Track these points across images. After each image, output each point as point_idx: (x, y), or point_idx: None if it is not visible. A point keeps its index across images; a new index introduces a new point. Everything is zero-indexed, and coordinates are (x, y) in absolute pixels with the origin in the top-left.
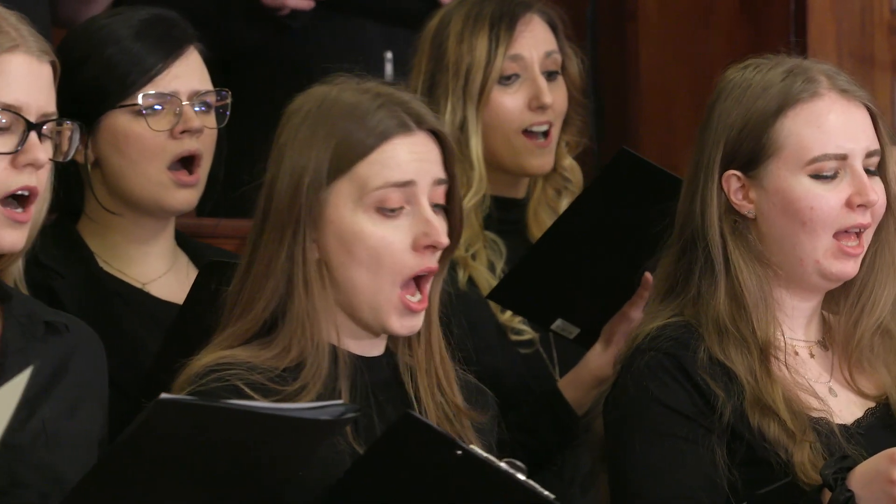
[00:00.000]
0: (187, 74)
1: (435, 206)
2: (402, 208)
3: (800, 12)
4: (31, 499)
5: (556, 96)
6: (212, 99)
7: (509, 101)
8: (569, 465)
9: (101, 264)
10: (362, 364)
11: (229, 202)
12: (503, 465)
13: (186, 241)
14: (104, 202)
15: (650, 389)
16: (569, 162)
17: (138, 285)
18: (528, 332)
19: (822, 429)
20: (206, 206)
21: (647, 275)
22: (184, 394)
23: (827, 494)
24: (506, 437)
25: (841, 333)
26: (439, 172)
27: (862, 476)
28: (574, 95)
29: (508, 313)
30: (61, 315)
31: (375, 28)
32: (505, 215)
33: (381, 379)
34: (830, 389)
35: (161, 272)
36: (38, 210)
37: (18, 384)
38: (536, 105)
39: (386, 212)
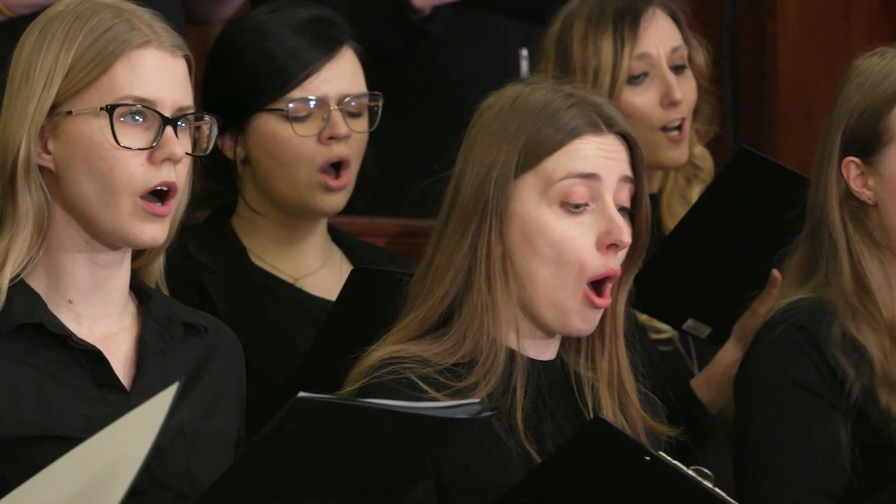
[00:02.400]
0: (338, 77)
1: (620, 209)
2: (586, 205)
3: None
4: (168, 499)
5: (685, 90)
6: (363, 102)
7: (640, 101)
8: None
9: (254, 259)
10: (538, 366)
11: (382, 200)
12: (691, 472)
13: (341, 236)
14: (252, 202)
15: (779, 364)
16: (699, 150)
17: (290, 280)
18: (668, 331)
19: None
20: (358, 204)
21: (775, 272)
22: (358, 385)
23: None
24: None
25: None
26: (626, 171)
27: None
28: (702, 85)
29: None
30: (200, 316)
31: (511, 25)
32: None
33: (554, 382)
34: None
35: (315, 268)
36: (178, 205)
37: (166, 398)
38: (668, 102)
39: (570, 207)
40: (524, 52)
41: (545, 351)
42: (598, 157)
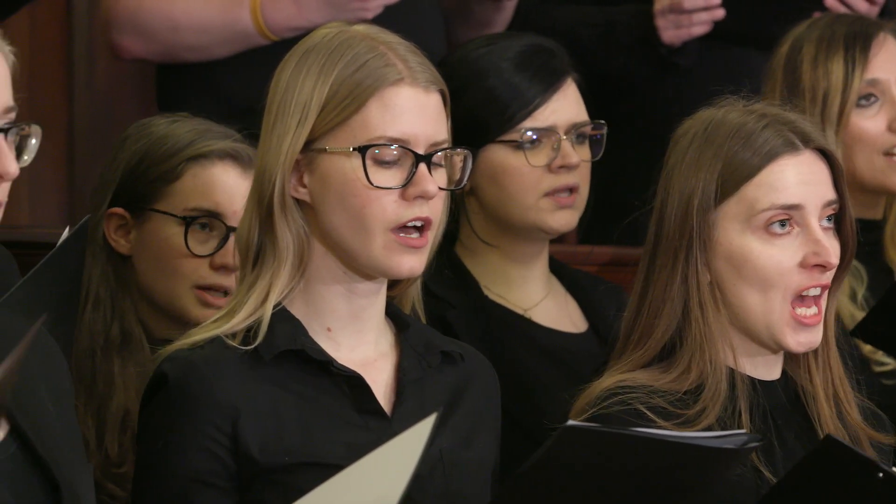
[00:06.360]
0: (565, 107)
1: (826, 221)
2: (791, 228)
3: None
4: None
5: None
6: (588, 130)
7: (870, 125)
8: None
9: (484, 291)
10: (760, 387)
11: (603, 229)
12: None
13: (558, 265)
14: (480, 232)
15: None
16: None
17: (520, 311)
18: (892, 363)
19: None
20: (579, 232)
21: None
22: (585, 416)
23: None
24: None
25: None
26: (828, 193)
27: None
28: None
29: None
30: (456, 344)
31: (758, 59)
32: (862, 237)
33: (779, 403)
34: None
35: (540, 298)
36: (435, 236)
37: (425, 428)
38: None
39: (775, 228)
40: None
41: (770, 370)
42: (798, 183)
